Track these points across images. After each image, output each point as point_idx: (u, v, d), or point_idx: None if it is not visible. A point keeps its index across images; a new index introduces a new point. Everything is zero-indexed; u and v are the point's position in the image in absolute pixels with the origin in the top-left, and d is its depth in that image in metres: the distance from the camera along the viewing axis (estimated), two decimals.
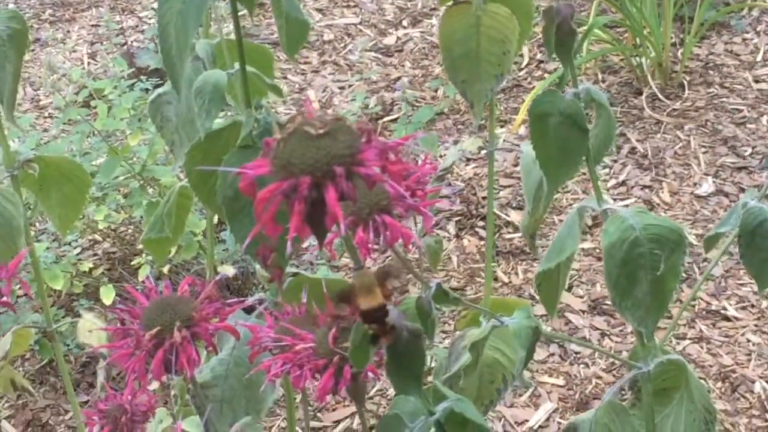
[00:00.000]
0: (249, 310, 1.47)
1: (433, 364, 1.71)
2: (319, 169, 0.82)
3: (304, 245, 1.34)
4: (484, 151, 3.66)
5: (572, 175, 1.27)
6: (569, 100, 1.24)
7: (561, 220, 3.41)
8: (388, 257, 3.17)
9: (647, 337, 1.29)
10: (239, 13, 1.67)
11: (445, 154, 3.65)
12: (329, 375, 1.13)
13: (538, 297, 3.16)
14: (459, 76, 1.55)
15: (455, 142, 3.60)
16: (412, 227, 1.47)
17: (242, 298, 1.34)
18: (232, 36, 1.72)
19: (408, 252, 1.71)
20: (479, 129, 3.32)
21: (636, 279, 1.23)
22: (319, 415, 2.75)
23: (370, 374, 1.18)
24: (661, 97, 3.91)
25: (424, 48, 4.38)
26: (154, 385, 1.82)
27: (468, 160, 3.67)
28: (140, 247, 3.25)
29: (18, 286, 1.23)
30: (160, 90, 1.72)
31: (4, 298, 1.18)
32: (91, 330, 1.74)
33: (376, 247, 1.09)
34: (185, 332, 1.19)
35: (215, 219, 2.12)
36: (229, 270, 3.03)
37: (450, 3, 1.54)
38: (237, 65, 1.45)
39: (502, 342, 1.51)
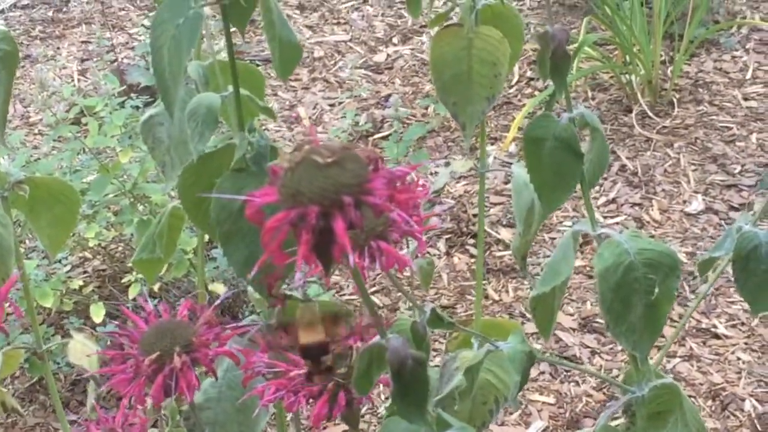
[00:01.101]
0: (241, 335, 1.46)
1: None
2: (328, 198, 0.82)
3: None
4: (462, 170, 3.66)
5: (566, 199, 1.28)
6: (564, 124, 1.24)
7: (552, 238, 3.42)
8: (378, 274, 3.17)
9: (641, 362, 1.29)
10: (232, 31, 1.67)
11: (435, 172, 3.65)
12: (324, 401, 1.13)
13: (529, 316, 3.18)
14: (450, 98, 1.55)
15: (447, 164, 3.60)
16: (404, 248, 1.47)
17: (239, 323, 1.34)
18: (223, 54, 1.72)
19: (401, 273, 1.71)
20: (471, 150, 3.33)
21: (630, 303, 1.23)
22: None
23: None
24: (650, 114, 3.92)
25: (414, 65, 4.38)
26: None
27: (459, 177, 3.67)
28: (130, 264, 3.24)
29: (8, 305, 1.22)
30: (152, 111, 1.72)
31: None
32: (88, 355, 1.73)
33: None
34: (185, 358, 1.19)
35: (205, 237, 2.12)
36: (220, 288, 3.03)
37: (441, 25, 1.55)
38: (230, 88, 1.45)
39: (494, 364, 1.51)
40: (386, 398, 2.27)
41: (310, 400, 1.15)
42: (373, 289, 3.27)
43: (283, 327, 1.15)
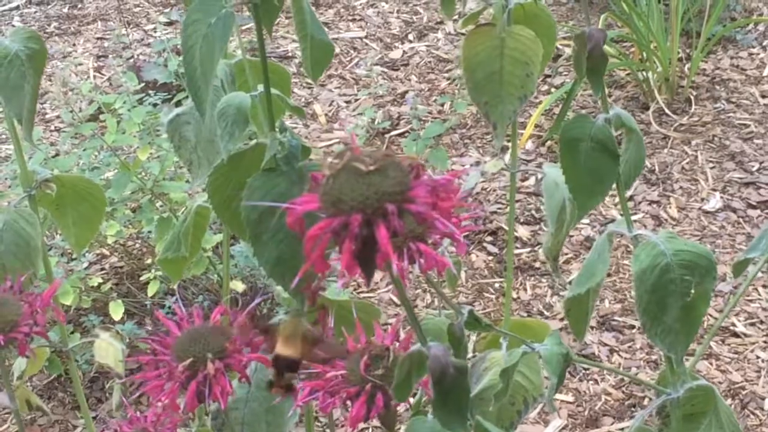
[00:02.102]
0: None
1: None
2: (370, 207, 0.81)
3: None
4: (493, 170, 3.66)
5: (602, 200, 1.27)
6: (600, 125, 1.23)
7: (570, 235, 3.41)
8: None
9: (677, 363, 1.28)
10: (245, 27, 1.66)
11: (451, 169, 3.64)
12: (362, 403, 1.13)
13: (548, 313, 3.17)
14: (482, 98, 1.54)
15: (476, 163, 3.60)
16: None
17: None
18: (239, 51, 1.72)
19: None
20: (501, 150, 3.33)
21: (666, 305, 1.23)
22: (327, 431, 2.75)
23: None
24: (668, 112, 3.91)
25: (430, 62, 4.38)
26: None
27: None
28: (149, 261, 3.24)
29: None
30: (178, 110, 1.72)
31: (39, 328, 1.18)
32: (120, 360, 1.74)
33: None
34: (219, 364, 1.19)
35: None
36: (238, 286, 3.03)
37: (473, 25, 1.54)
38: (260, 87, 1.45)
39: (523, 365, 1.51)
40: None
41: (347, 402, 1.15)
42: (390, 287, 3.27)
43: (265, 330, 1.15)
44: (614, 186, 1.32)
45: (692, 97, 3.98)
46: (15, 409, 1.41)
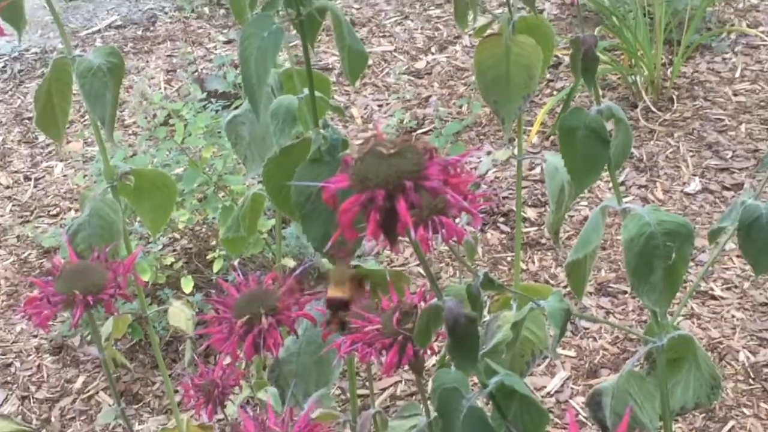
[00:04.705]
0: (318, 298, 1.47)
1: None
2: (392, 183, 0.83)
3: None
4: (502, 159, 3.66)
5: (595, 180, 1.28)
6: (593, 116, 1.24)
7: (570, 216, 3.41)
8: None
9: (661, 316, 1.29)
10: (291, 44, 1.68)
11: (469, 161, 3.65)
12: (395, 352, 1.14)
13: (552, 281, 3.18)
14: (491, 97, 1.55)
15: (488, 153, 3.60)
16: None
17: (315, 290, 1.35)
18: (287, 64, 1.73)
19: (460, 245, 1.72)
20: (509, 141, 3.33)
21: (652, 267, 1.23)
22: (366, 384, 2.76)
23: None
24: (653, 109, 3.90)
25: (449, 71, 4.38)
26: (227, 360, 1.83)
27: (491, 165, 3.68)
28: (214, 243, 3.26)
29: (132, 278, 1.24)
30: (235, 112, 1.73)
31: (121, 291, 1.20)
32: (189, 321, 1.76)
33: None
34: (271, 320, 1.20)
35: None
36: (289, 263, 3.04)
37: (484, 35, 1.55)
38: (305, 91, 1.46)
39: (531, 322, 1.52)
40: (436, 353, 2.29)
41: (382, 352, 1.16)
42: (418, 262, 3.28)
43: (320, 279, 1.19)
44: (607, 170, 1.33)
45: (674, 97, 3.97)
46: (104, 363, 1.42)
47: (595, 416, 1.29)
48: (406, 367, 1.20)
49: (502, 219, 3.48)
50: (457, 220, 1.10)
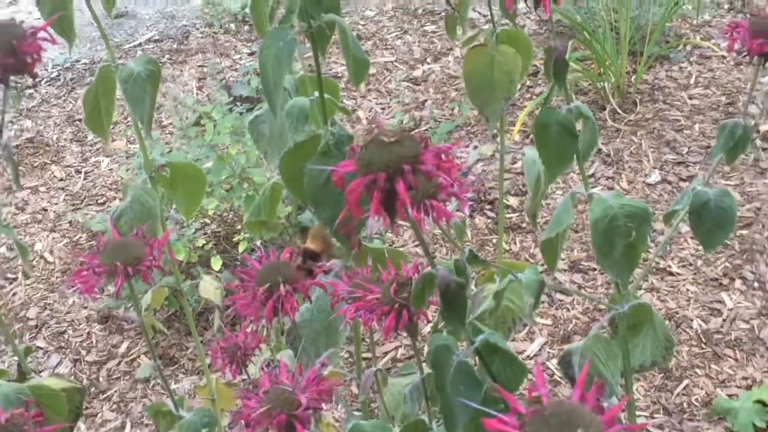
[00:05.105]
0: (327, 272, 1.48)
1: None
2: (392, 167, 0.83)
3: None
4: (488, 153, 3.66)
5: (566, 170, 1.28)
6: (564, 114, 1.24)
7: (547, 204, 3.41)
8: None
9: (622, 287, 1.29)
10: (306, 56, 1.68)
11: (459, 157, 3.65)
12: (392, 317, 1.15)
13: (532, 261, 3.18)
14: (478, 99, 1.55)
15: (474, 147, 3.59)
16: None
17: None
18: (301, 72, 1.73)
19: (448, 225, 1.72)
20: (493, 137, 3.33)
21: (614, 244, 1.23)
22: (370, 348, 2.77)
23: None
24: (619, 111, 3.90)
25: (443, 78, 4.38)
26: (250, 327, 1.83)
27: (479, 160, 3.67)
28: (239, 227, 3.27)
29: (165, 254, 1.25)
30: (256, 113, 1.73)
31: (157, 263, 1.20)
32: (217, 290, 1.76)
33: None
34: (288, 287, 1.21)
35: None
36: None
37: (471, 45, 1.55)
38: (316, 93, 1.46)
39: (512, 293, 1.52)
40: (429, 322, 2.30)
41: (382, 317, 1.16)
42: (416, 243, 3.28)
43: (302, 231, 1.23)
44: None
45: (637, 100, 3.96)
46: (144, 329, 1.43)
47: (566, 373, 1.29)
48: (405, 334, 1.21)
49: (488, 206, 3.48)
50: (447, 206, 1.10)
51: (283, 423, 1.10)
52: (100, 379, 3.02)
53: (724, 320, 2.89)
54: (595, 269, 3.13)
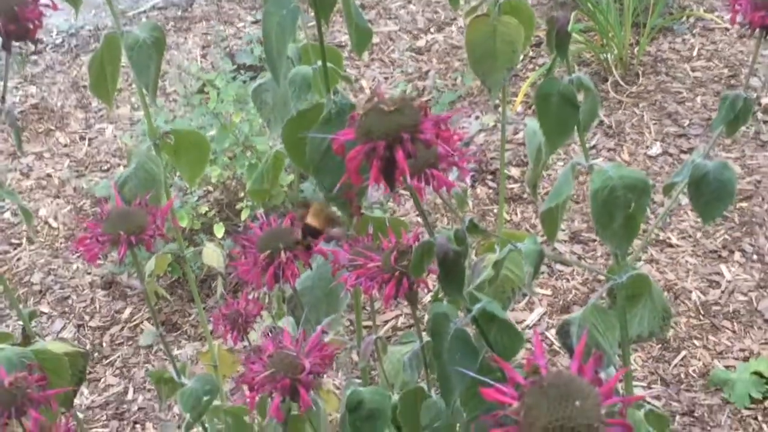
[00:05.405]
0: (328, 240, 1.48)
1: None
2: (391, 135, 0.83)
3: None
4: (490, 124, 3.66)
5: (567, 140, 1.28)
6: (565, 84, 1.24)
7: (548, 174, 3.41)
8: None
9: (621, 257, 1.29)
10: (309, 24, 1.67)
11: (463, 126, 3.65)
12: (392, 285, 1.15)
13: (533, 231, 3.18)
14: (480, 69, 1.55)
15: (476, 118, 3.60)
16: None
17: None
18: (305, 40, 1.73)
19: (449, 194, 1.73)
20: (495, 108, 3.32)
21: (614, 215, 1.23)
22: (371, 317, 2.78)
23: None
24: (621, 83, 3.89)
25: (446, 48, 4.36)
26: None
27: (481, 131, 3.67)
28: (242, 195, 3.27)
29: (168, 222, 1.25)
30: (260, 81, 1.73)
31: (160, 231, 1.21)
32: (219, 256, 1.76)
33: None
34: (289, 254, 1.21)
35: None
36: None
37: (474, 15, 1.54)
38: (319, 62, 1.46)
39: (511, 263, 1.52)
40: (429, 291, 2.30)
41: (382, 285, 1.17)
42: (417, 212, 3.28)
43: (301, 206, 1.22)
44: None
45: (640, 72, 3.95)
46: (147, 295, 1.44)
47: (564, 343, 1.30)
48: (406, 302, 1.21)
49: (490, 177, 3.48)
50: (448, 176, 1.10)
51: (287, 387, 1.11)
52: (103, 344, 3.03)
53: (722, 292, 2.90)
54: (595, 240, 3.13)
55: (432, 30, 4.55)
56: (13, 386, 1.18)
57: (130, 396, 2.86)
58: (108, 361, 2.98)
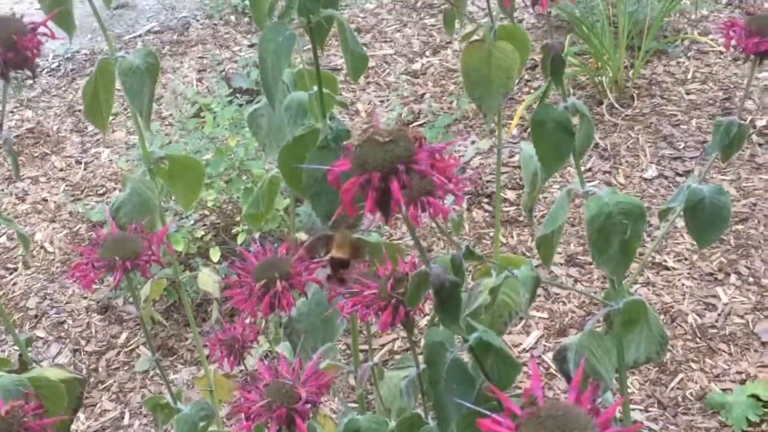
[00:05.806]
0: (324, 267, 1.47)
1: None
2: (386, 167, 0.83)
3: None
4: (486, 147, 3.66)
5: (562, 166, 1.28)
6: (561, 111, 1.24)
7: (544, 197, 3.41)
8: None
9: (617, 283, 1.29)
10: (305, 48, 1.68)
11: (458, 150, 3.65)
12: (389, 312, 1.15)
13: (529, 254, 3.18)
14: (475, 94, 1.55)
15: (472, 142, 3.60)
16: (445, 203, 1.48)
17: (323, 258, 1.35)
18: (300, 65, 1.73)
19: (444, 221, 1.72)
20: (491, 132, 3.33)
21: (610, 241, 1.23)
22: (367, 341, 2.77)
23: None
24: (617, 106, 3.90)
25: (441, 72, 4.37)
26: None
27: (477, 154, 3.67)
28: (238, 219, 3.27)
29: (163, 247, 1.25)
30: (255, 106, 1.73)
31: (155, 257, 1.20)
32: (216, 283, 1.76)
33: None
34: (285, 283, 1.21)
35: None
36: (303, 236, 3.04)
37: (470, 41, 1.55)
38: (315, 88, 1.46)
39: (508, 288, 1.52)
40: (425, 315, 2.28)
41: (379, 312, 1.16)
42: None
43: (326, 240, 1.20)
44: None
45: (635, 95, 3.96)
46: (142, 320, 1.43)
47: (560, 368, 1.30)
48: (401, 327, 1.21)
49: (485, 200, 3.48)
50: (444, 201, 1.10)
51: (284, 416, 1.10)
52: (99, 369, 3.02)
53: (719, 315, 2.89)
54: (591, 263, 3.13)
55: (427, 53, 4.56)
56: (9, 415, 1.17)
57: (126, 421, 2.85)
58: (104, 386, 2.96)
